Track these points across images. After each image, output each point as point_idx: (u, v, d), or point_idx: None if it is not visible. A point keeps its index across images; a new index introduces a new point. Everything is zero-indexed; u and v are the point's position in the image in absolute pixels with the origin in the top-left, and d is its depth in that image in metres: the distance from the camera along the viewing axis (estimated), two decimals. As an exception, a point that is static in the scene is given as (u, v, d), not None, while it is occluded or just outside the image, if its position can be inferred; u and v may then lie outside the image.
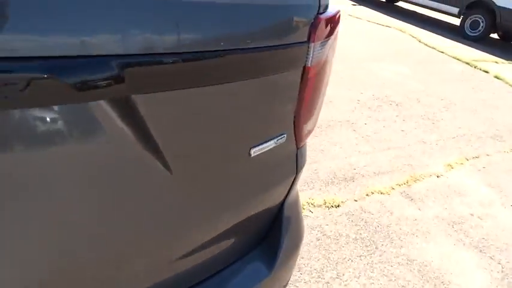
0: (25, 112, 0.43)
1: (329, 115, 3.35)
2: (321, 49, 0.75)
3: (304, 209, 2.16)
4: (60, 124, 0.46)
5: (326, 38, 0.76)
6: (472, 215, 2.40)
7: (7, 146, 0.44)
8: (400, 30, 7.22)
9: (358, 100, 3.79)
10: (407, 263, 1.94)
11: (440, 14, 8.70)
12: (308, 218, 2.11)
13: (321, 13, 0.73)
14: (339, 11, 0.82)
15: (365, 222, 2.17)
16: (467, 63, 5.72)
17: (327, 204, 2.24)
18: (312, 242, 1.96)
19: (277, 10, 0.66)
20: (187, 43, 0.53)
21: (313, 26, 0.71)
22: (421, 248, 2.06)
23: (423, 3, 8.64)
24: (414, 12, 9.63)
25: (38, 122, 0.44)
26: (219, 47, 0.57)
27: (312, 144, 2.85)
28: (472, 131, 3.57)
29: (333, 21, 0.78)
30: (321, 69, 0.79)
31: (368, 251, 1.97)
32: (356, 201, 2.33)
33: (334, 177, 2.52)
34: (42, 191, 0.49)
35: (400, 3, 10.09)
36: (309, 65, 0.73)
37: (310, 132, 0.91)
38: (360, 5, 9.29)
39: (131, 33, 0.46)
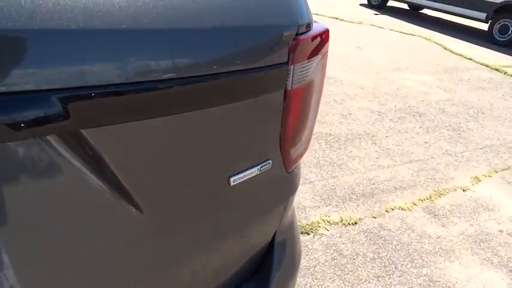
0: None
1: (348, 128, 3.28)
2: (304, 71, 0.72)
3: (319, 226, 2.10)
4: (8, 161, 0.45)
5: (310, 58, 0.73)
6: (501, 231, 2.27)
7: None
8: (425, 38, 7.05)
9: (379, 112, 3.70)
10: (429, 285, 1.84)
11: (467, 19, 8.44)
12: (323, 237, 2.04)
13: (301, 33, 0.70)
14: (326, 30, 0.79)
15: (384, 240, 2.08)
16: (497, 70, 5.50)
17: (343, 222, 2.17)
18: (327, 261, 1.90)
19: (252, 32, 0.63)
20: (147, 71, 0.51)
21: (292, 47, 0.68)
22: (445, 268, 1.95)
23: (448, 10, 8.42)
24: (439, 19, 9.40)
25: None
26: (185, 74, 0.55)
27: (330, 159, 2.79)
28: (501, 141, 3.40)
29: (318, 41, 0.75)
30: (306, 91, 0.76)
31: (386, 271, 1.89)
32: (375, 218, 2.25)
33: (352, 193, 2.45)
34: None
35: (425, 11, 9.88)
36: (289, 88, 0.70)
37: (300, 156, 0.88)
38: (383, 14, 9.16)
39: (74, 66, 0.45)
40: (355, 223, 2.18)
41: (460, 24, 9.05)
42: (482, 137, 3.45)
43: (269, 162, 0.77)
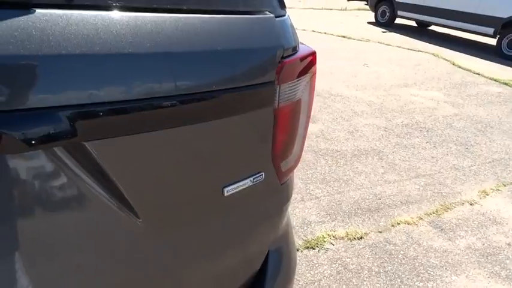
0: None
1: (354, 145, 3.32)
2: (291, 90, 0.79)
3: (325, 241, 2.13)
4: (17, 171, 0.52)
5: (296, 79, 0.80)
6: (509, 244, 2.25)
7: None
8: (433, 54, 7.10)
9: (386, 128, 3.74)
10: (434, 298, 1.84)
11: (475, 35, 8.48)
12: (329, 251, 2.07)
13: (287, 56, 0.77)
14: (312, 52, 0.86)
15: (389, 254, 2.09)
16: (506, 84, 5.50)
17: (349, 236, 2.19)
18: (332, 275, 1.92)
19: (241, 55, 0.71)
20: (146, 90, 0.58)
21: (278, 69, 0.75)
22: (451, 281, 1.95)
23: (456, 26, 8.48)
24: (447, 35, 9.46)
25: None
26: (181, 92, 0.62)
27: (336, 174, 2.83)
28: (510, 155, 3.39)
29: (304, 63, 0.82)
30: (293, 109, 0.82)
31: (392, 285, 1.90)
32: (380, 232, 2.27)
33: (358, 208, 2.47)
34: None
35: (433, 27, 9.95)
36: (277, 106, 0.77)
37: (291, 169, 0.93)
38: (390, 31, 9.26)
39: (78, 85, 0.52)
40: (361, 237, 2.20)
41: (468, 39, 9.08)
42: (491, 151, 3.44)
43: (262, 174, 0.83)
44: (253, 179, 0.81)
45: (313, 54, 0.86)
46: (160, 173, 0.66)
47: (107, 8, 0.56)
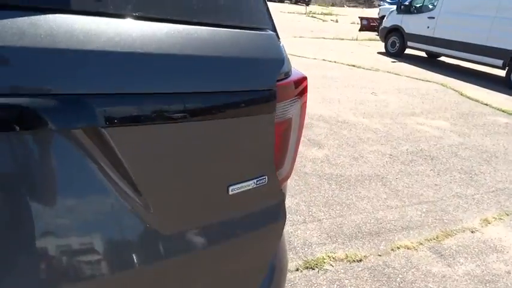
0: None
1: (358, 170, 3.40)
2: (283, 109, 0.90)
3: (324, 262, 2.19)
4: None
5: (288, 99, 0.91)
6: (509, 273, 2.27)
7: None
8: (441, 85, 7.20)
9: (391, 155, 3.81)
10: (430, 322, 1.87)
11: (485, 66, 8.58)
12: (328, 272, 2.12)
13: (280, 80, 0.89)
14: (303, 77, 0.98)
15: (388, 277, 2.14)
16: (513, 115, 5.54)
17: (348, 259, 2.25)
18: (330, 296, 1.97)
19: (248, 61, 0.85)
20: (163, 86, 0.71)
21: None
22: (448, 306, 1.98)
23: (466, 57, 8.61)
24: (457, 66, 9.58)
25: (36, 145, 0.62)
26: (190, 89, 0.74)
27: (339, 198, 2.90)
28: (514, 184, 3.41)
29: (295, 86, 0.94)
30: (284, 127, 0.93)
31: (388, 307, 1.93)
32: (380, 256, 2.31)
33: (359, 232, 2.53)
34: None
35: (442, 58, 10.10)
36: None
37: (283, 180, 1.02)
38: (400, 61, 9.43)
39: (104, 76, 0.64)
40: (360, 260, 2.25)
41: (477, 70, 9.18)
42: (495, 180, 3.48)
43: (265, 178, 0.91)
44: (257, 181, 0.89)
45: (304, 78, 0.98)
46: (171, 165, 0.75)
47: (141, 18, 0.71)
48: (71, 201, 0.67)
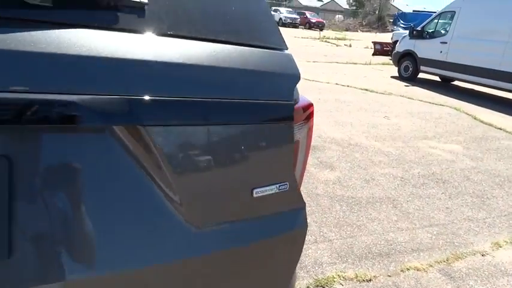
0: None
1: (369, 192, 3.46)
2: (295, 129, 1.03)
3: (334, 281, 2.24)
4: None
5: (298, 123, 1.03)
6: (520, 296, 2.29)
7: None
8: (455, 109, 7.24)
9: (402, 178, 3.86)
10: None
11: (499, 90, 8.59)
12: (338, 291, 2.18)
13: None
14: (310, 104, 1.10)
15: (397, 297, 2.18)
16: (527, 139, 5.53)
17: (358, 278, 2.30)
18: (339, 314, 2.02)
19: (268, 75, 0.98)
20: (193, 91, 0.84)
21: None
22: (457, 327, 2.00)
23: (479, 82, 8.65)
24: (471, 90, 9.60)
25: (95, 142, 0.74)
26: (219, 96, 0.87)
27: (350, 220, 2.96)
28: (527, 208, 3.42)
29: (302, 111, 1.06)
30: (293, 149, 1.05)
31: (397, 326, 1.97)
32: (389, 276, 2.36)
33: (369, 252, 2.58)
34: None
35: (456, 82, 10.13)
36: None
37: None
38: (413, 85, 9.51)
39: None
40: (370, 280, 2.30)
41: (491, 94, 9.18)
42: (507, 204, 3.49)
43: (286, 184, 1.01)
44: (279, 186, 0.99)
45: (310, 105, 1.11)
46: (204, 165, 0.86)
47: (183, 37, 0.87)
48: (116, 194, 0.78)
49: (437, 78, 10.60)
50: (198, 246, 0.89)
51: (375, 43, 16.51)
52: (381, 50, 15.86)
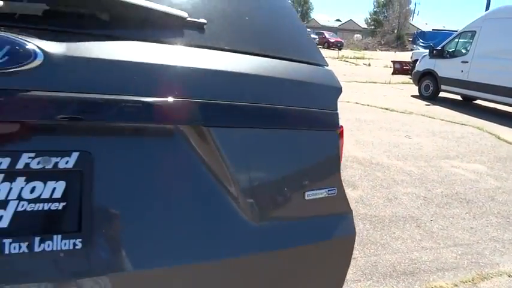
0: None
1: (392, 211, 3.48)
2: None
3: (360, 298, 2.28)
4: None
5: None
6: (548, 318, 2.27)
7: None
8: (477, 128, 7.18)
9: (425, 197, 3.87)
10: None
11: (523, 110, 8.48)
12: (363, 308, 2.21)
13: None
14: (340, 126, 1.19)
15: (423, 316, 2.19)
16: (554, 159, 5.44)
17: (383, 296, 2.33)
18: (365, 330, 2.05)
19: (315, 87, 1.10)
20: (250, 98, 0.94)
21: None
22: None
23: (501, 101, 8.57)
24: (494, 109, 9.49)
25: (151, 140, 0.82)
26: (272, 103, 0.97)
27: (373, 238, 2.99)
28: (554, 230, 3.37)
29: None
30: None
31: None
32: (415, 295, 2.38)
33: (394, 271, 2.60)
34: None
35: (478, 101, 10.04)
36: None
37: None
38: (434, 104, 9.48)
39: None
40: (395, 298, 2.32)
41: (516, 114, 9.05)
42: (534, 225, 3.45)
43: (335, 189, 1.09)
44: (328, 191, 1.07)
45: (340, 126, 1.20)
46: (262, 166, 0.95)
47: (230, 51, 0.97)
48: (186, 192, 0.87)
49: (458, 97, 10.53)
50: (259, 243, 0.95)
51: (394, 62, 16.55)
52: (400, 69, 15.88)
